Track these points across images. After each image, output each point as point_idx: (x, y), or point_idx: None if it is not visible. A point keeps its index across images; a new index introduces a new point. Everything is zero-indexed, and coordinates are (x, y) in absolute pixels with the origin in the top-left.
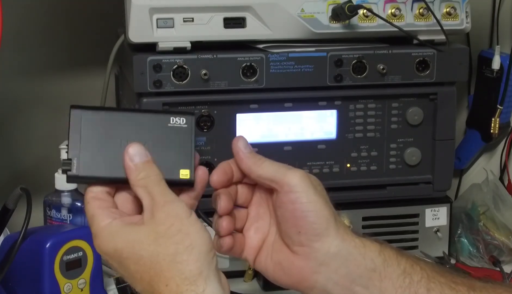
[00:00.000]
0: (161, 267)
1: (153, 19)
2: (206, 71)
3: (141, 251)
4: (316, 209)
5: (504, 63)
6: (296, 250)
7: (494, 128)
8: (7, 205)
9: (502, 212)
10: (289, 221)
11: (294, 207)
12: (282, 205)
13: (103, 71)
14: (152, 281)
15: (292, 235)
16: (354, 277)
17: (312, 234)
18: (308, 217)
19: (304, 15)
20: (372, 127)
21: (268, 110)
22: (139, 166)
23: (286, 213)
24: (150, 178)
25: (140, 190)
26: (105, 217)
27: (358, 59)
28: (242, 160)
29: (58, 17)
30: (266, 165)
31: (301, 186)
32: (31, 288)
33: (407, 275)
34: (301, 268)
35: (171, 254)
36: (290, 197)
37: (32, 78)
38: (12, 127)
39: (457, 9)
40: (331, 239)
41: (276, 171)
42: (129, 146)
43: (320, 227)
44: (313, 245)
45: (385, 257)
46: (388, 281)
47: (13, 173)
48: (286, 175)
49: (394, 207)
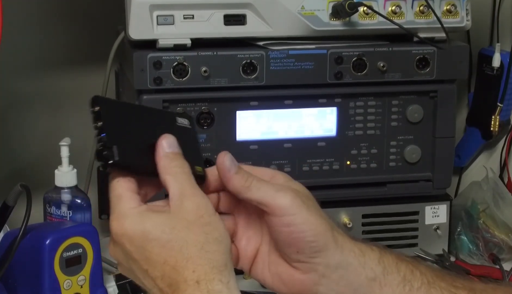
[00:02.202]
0: (190, 253)
1: (153, 16)
2: (206, 68)
3: (170, 235)
4: (312, 227)
5: (504, 60)
6: (296, 265)
7: (494, 126)
8: (7, 202)
9: (502, 210)
10: (285, 242)
11: (290, 229)
12: (276, 228)
13: (103, 68)
14: (178, 265)
15: (290, 255)
16: (355, 287)
17: (311, 252)
18: (305, 238)
19: (304, 12)
20: (372, 125)
21: (268, 107)
22: (171, 156)
23: (281, 235)
24: (182, 169)
25: (169, 178)
26: (135, 200)
27: (358, 57)
28: (228, 181)
29: (58, 13)
30: (253, 187)
31: (293, 208)
32: (31, 284)
33: (407, 282)
34: (301, 280)
35: (202, 242)
36: (284, 221)
37: (32, 75)
38: (12, 124)
39: (457, 7)
40: (330, 253)
41: (264, 195)
42: (163, 137)
43: (318, 244)
44: (312, 261)
45: (385, 265)
46: (388, 289)
47: (13, 170)
48: (276, 198)
49: (394, 205)
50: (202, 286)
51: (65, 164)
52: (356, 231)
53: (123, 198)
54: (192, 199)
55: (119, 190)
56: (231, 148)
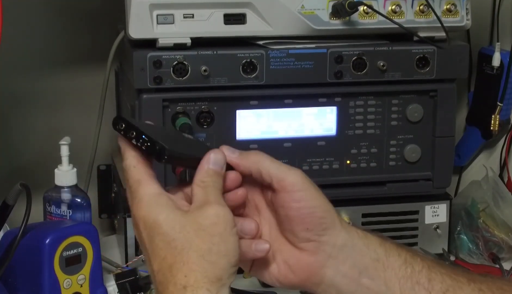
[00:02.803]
0: (189, 257)
1: (153, 15)
2: (206, 67)
3: (178, 234)
4: (321, 204)
5: (504, 60)
6: (303, 246)
7: (494, 125)
8: (7, 201)
9: (502, 209)
10: (295, 219)
11: (300, 205)
12: (285, 205)
13: (103, 67)
14: (174, 266)
15: (299, 233)
16: (360, 269)
17: (320, 229)
18: (315, 213)
19: (304, 12)
20: (372, 124)
21: (268, 106)
22: (211, 173)
23: (291, 212)
24: (213, 185)
25: (198, 190)
26: (155, 186)
27: (358, 56)
28: (239, 163)
29: (58, 13)
30: (266, 163)
31: (303, 184)
32: (31, 283)
33: (409, 265)
34: (309, 263)
35: (204, 249)
36: (295, 197)
37: (32, 74)
38: (12, 123)
39: (457, 6)
40: (337, 232)
41: (278, 170)
42: (213, 151)
43: (327, 221)
44: (320, 239)
45: (386, 248)
46: (391, 271)
47: (13, 169)
48: (288, 175)
49: (394, 204)
50: (188, 291)
51: (65, 163)
52: None
53: (142, 182)
54: (212, 206)
55: (137, 175)
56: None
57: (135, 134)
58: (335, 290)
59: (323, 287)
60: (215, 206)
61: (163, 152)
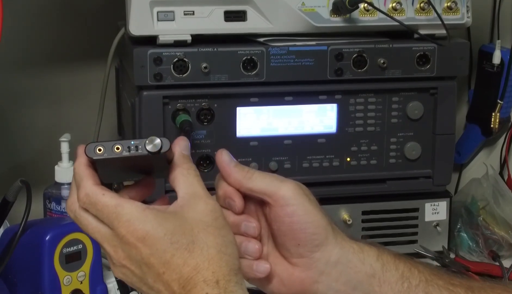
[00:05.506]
0: (211, 255)
1: (153, 12)
2: (206, 64)
3: (191, 237)
4: (313, 220)
5: (505, 57)
6: (296, 262)
7: (494, 122)
8: (7, 198)
9: (502, 207)
10: (287, 234)
11: (292, 220)
12: (278, 219)
13: (103, 64)
14: (199, 266)
15: (291, 248)
16: (355, 284)
17: (312, 245)
18: (307, 229)
19: (305, 9)
20: (372, 121)
21: (268, 103)
22: (187, 159)
23: (283, 226)
24: (194, 171)
25: (182, 179)
26: (137, 203)
27: (359, 53)
28: (229, 175)
29: (58, 9)
30: (256, 178)
31: (296, 199)
32: (31, 280)
33: (406, 279)
34: (301, 279)
35: (220, 244)
36: (286, 211)
37: (32, 71)
38: (12, 119)
39: (458, 4)
40: (330, 248)
41: (269, 185)
42: (181, 138)
43: (319, 238)
44: (313, 256)
45: (383, 262)
46: (387, 286)
47: (13, 166)
48: (280, 188)
49: (394, 201)
50: (221, 285)
51: (65, 160)
52: (356, 228)
53: (125, 204)
54: (206, 201)
55: (114, 200)
56: (231, 144)
57: (120, 143)
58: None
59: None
60: (208, 200)
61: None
